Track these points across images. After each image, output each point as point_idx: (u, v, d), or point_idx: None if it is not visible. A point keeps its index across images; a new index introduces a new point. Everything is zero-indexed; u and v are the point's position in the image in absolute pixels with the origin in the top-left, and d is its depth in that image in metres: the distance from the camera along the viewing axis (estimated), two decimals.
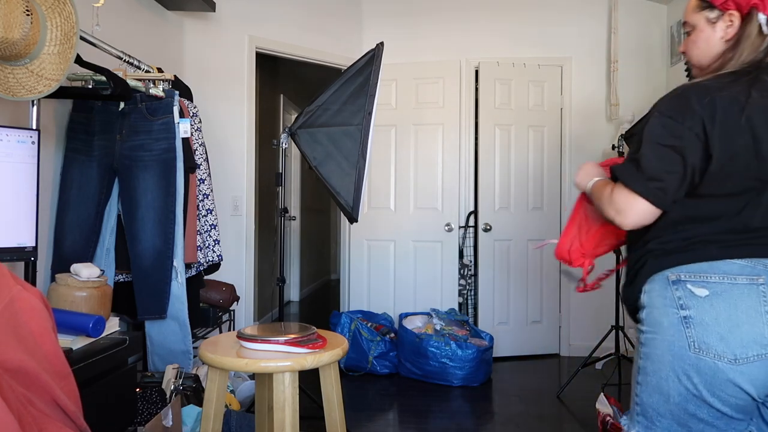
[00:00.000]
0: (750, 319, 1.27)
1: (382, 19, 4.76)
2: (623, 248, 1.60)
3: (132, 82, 2.62)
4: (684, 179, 1.31)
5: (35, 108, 2.25)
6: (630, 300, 1.45)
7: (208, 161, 3.06)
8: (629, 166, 1.34)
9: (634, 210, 1.33)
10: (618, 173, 1.37)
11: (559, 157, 4.67)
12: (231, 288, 3.63)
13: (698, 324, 1.29)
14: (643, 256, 1.41)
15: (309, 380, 3.42)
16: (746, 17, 1.37)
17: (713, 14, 1.41)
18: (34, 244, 2.12)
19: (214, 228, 3.01)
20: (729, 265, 1.31)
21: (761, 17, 1.35)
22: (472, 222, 4.67)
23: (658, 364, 1.34)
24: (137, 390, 2.39)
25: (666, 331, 1.33)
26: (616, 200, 1.35)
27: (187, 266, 2.85)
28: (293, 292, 7.21)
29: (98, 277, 2.24)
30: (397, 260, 4.66)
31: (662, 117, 1.34)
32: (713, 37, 1.41)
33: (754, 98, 1.30)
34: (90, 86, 2.59)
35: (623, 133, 3.93)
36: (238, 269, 4.02)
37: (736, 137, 1.29)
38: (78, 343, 1.96)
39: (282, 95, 6.33)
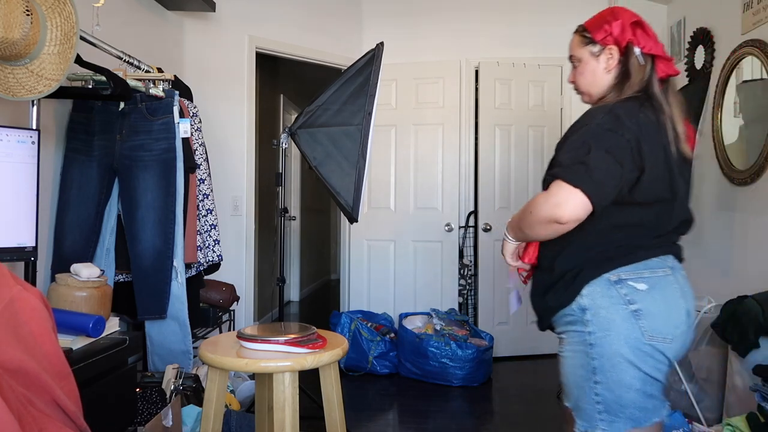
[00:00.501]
0: (676, 303, 1.50)
1: (382, 19, 4.76)
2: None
3: (132, 82, 2.62)
4: (618, 188, 1.45)
5: (35, 108, 2.25)
6: (562, 303, 1.54)
7: (208, 161, 3.06)
8: (577, 167, 1.42)
9: (574, 202, 1.41)
10: (561, 173, 1.44)
11: None
12: (231, 288, 3.63)
13: (647, 314, 1.46)
14: (578, 264, 1.52)
15: (309, 380, 3.42)
16: (625, 50, 1.58)
17: (596, 48, 1.62)
18: (34, 244, 2.12)
19: (214, 228, 3.01)
20: (653, 262, 1.51)
21: (636, 50, 1.57)
22: (472, 222, 4.67)
23: (615, 358, 1.46)
24: (137, 390, 2.39)
25: (620, 326, 1.46)
26: (556, 195, 1.43)
27: (187, 266, 2.85)
28: (293, 292, 7.21)
29: (98, 277, 2.24)
30: (397, 260, 4.66)
31: (602, 129, 1.46)
32: (598, 68, 1.62)
33: (660, 119, 1.51)
34: (90, 86, 2.59)
35: None
36: (238, 269, 4.02)
37: (657, 153, 1.48)
38: (78, 343, 1.96)
39: (282, 95, 6.33)
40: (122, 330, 2.26)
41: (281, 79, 6.28)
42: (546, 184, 1.50)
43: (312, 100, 2.99)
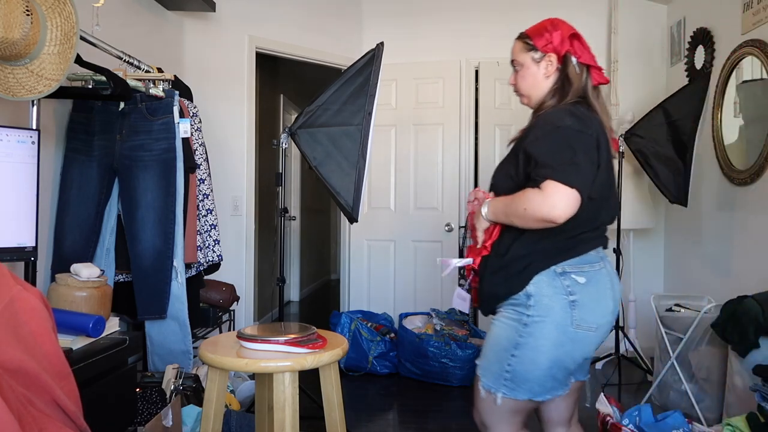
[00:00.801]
0: (605, 296, 1.67)
1: (382, 19, 4.76)
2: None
3: (132, 82, 2.62)
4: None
5: (35, 108, 2.24)
6: (512, 291, 1.66)
7: (208, 161, 3.06)
8: (568, 168, 1.53)
9: (569, 203, 1.52)
10: (554, 174, 1.53)
11: None
12: (231, 288, 3.63)
13: (581, 305, 1.62)
14: (529, 254, 1.65)
15: (309, 380, 3.42)
16: (564, 59, 1.73)
17: (537, 55, 1.76)
18: (34, 244, 2.12)
19: (214, 228, 3.01)
20: (590, 256, 1.67)
21: (573, 60, 1.73)
22: None
23: (541, 340, 1.62)
24: (137, 390, 2.39)
25: (557, 314, 1.62)
26: (552, 196, 1.52)
27: (187, 266, 2.85)
28: (293, 292, 7.21)
29: (98, 277, 2.24)
30: (397, 260, 4.66)
31: (574, 130, 1.59)
32: (538, 73, 1.77)
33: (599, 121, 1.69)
34: (90, 86, 2.59)
35: (623, 133, 3.93)
36: (238, 269, 4.02)
37: (606, 152, 1.66)
38: (78, 343, 1.96)
39: (282, 95, 6.33)
40: (122, 330, 2.26)
41: (281, 79, 6.28)
42: (535, 183, 1.57)
43: (312, 100, 2.99)
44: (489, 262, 1.73)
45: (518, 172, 1.67)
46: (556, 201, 1.51)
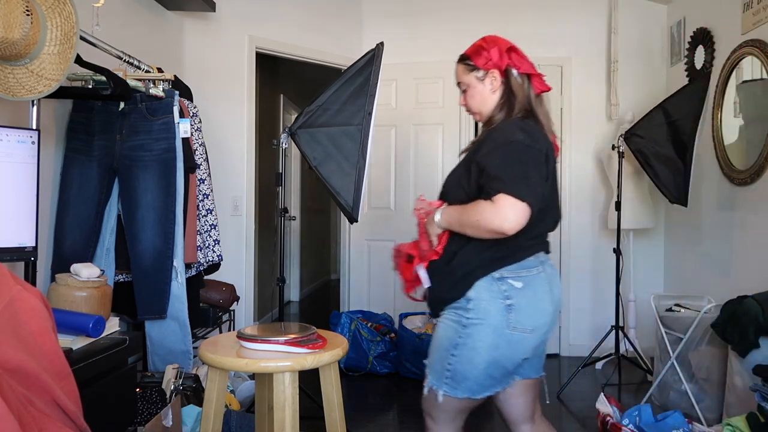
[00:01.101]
0: (542, 299, 1.74)
1: (382, 19, 4.76)
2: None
3: (132, 82, 2.62)
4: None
5: (35, 108, 2.24)
6: (455, 297, 1.74)
7: (208, 161, 3.05)
8: (519, 182, 1.60)
9: (519, 216, 1.59)
10: (506, 188, 1.60)
11: (559, 157, 4.65)
12: (231, 288, 3.63)
13: (517, 309, 1.70)
14: (474, 262, 1.72)
15: (309, 380, 3.42)
16: (506, 72, 1.82)
17: (480, 74, 1.85)
18: (34, 244, 2.12)
19: (214, 228, 3.01)
20: (529, 261, 1.74)
21: (514, 72, 1.82)
22: None
23: (478, 342, 1.70)
24: (137, 390, 2.38)
25: (494, 317, 1.69)
26: (503, 208, 1.59)
27: (187, 266, 2.85)
28: (293, 292, 7.21)
29: (98, 277, 2.24)
30: None
31: (525, 145, 1.67)
32: (485, 90, 1.85)
33: (543, 131, 1.79)
34: (90, 86, 2.59)
35: (623, 133, 3.93)
36: (238, 269, 4.02)
37: (552, 163, 1.76)
38: (78, 343, 1.96)
39: (282, 95, 6.33)
40: (122, 330, 2.26)
41: (281, 79, 6.28)
42: (487, 195, 1.63)
43: (312, 100, 2.99)
44: (437, 267, 1.81)
45: (470, 182, 1.73)
46: (507, 214, 1.58)
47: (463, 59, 1.91)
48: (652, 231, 4.50)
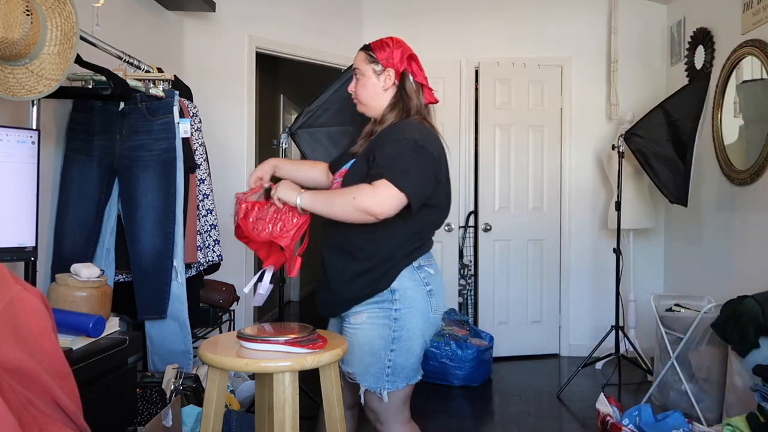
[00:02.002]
0: (443, 283, 1.93)
1: (382, 19, 4.76)
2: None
3: (132, 82, 2.62)
4: (428, 195, 1.78)
5: (35, 108, 2.24)
6: (377, 290, 1.82)
7: (208, 161, 3.05)
8: (403, 173, 1.71)
9: (394, 203, 1.71)
10: (389, 175, 1.71)
11: (559, 157, 4.66)
12: (231, 288, 3.63)
13: (435, 293, 1.86)
14: (395, 256, 1.82)
15: (309, 380, 3.42)
16: (402, 75, 1.91)
17: (378, 68, 1.92)
18: (34, 244, 2.12)
19: (214, 228, 3.01)
20: (430, 251, 1.91)
21: (410, 78, 1.92)
22: (472, 222, 4.67)
23: (412, 330, 1.82)
24: (137, 390, 2.38)
25: (419, 304, 1.83)
26: (382, 194, 1.70)
27: (187, 266, 2.85)
28: (293, 292, 7.21)
29: (98, 277, 2.24)
30: None
31: (418, 144, 1.76)
32: (377, 84, 1.92)
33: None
34: (90, 86, 2.58)
35: (623, 133, 3.93)
36: (238, 269, 4.02)
37: (446, 167, 1.87)
38: (78, 343, 1.96)
39: (282, 95, 6.33)
40: (122, 330, 2.26)
41: (281, 79, 6.28)
42: (371, 179, 1.72)
43: (312, 100, 2.99)
44: (346, 267, 1.87)
45: (369, 173, 1.79)
46: (384, 199, 1.70)
47: (366, 49, 1.97)
48: (652, 231, 4.50)
